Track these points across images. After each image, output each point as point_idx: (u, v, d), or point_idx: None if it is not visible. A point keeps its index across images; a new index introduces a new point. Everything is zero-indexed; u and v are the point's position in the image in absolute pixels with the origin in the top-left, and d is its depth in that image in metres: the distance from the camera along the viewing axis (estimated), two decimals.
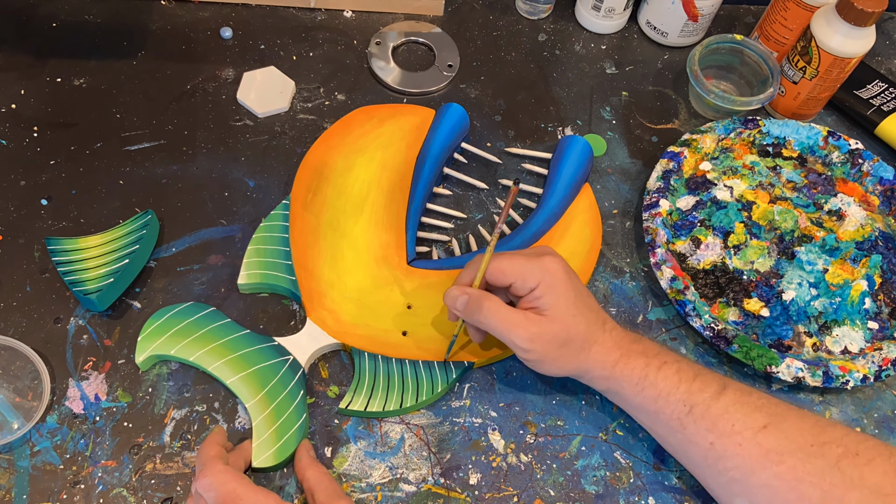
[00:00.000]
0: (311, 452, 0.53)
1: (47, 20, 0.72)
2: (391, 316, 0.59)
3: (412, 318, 0.60)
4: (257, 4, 0.76)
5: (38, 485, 0.52)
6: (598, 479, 0.56)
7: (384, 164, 0.66)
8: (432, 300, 0.60)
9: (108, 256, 0.58)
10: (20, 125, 0.66)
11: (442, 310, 0.60)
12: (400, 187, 0.65)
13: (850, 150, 0.69)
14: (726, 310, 0.63)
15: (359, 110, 0.68)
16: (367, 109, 0.69)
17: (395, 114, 0.69)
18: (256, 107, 0.69)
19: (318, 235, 0.62)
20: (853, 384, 0.59)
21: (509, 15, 0.80)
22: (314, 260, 0.60)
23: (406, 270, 0.61)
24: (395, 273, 0.61)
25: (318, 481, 0.50)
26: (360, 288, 0.60)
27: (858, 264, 0.65)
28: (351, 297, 0.60)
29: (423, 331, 0.59)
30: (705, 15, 0.76)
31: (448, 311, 0.56)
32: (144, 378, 0.56)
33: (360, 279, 0.60)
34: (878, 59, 0.82)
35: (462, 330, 0.57)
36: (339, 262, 0.61)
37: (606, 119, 0.74)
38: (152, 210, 0.61)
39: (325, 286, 0.60)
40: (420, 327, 0.59)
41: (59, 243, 0.58)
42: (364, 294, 0.60)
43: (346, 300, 0.59)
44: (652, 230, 0.64)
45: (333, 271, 0.60)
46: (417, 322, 0.60)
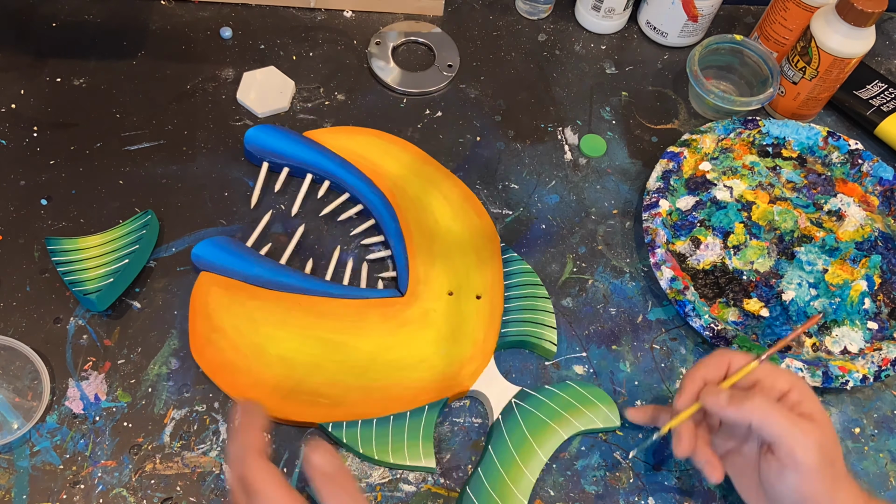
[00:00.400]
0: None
1: (47, 20, 0.72)
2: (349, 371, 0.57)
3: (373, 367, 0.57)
4: (257, 4, 0.76)
5: (38, 485, 0.52)
6: (598, 479, 0.56)
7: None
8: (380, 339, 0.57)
9: (108, 256, 0.58)
10: (20, 125, 0.66)
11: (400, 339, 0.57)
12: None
13: (850, 151, 0.69)
14: (726, 310, 0.63)
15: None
16: None
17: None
18: (256, 107, 0.69)
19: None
20: (853, 384, 0.59)
21: (509, 15, 0.80)
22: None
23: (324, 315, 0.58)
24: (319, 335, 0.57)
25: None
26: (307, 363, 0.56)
27: (858, 265, 0.65)
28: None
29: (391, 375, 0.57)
30: (705, 15, 0.76)
31: (682, 393, 0.50)
32: (144, 378, 0.56)
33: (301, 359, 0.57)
34: (877, 60, 0.82)
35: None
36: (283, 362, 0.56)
37: (606, 119, 0.74)
38: (152, 210, 0.61)
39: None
40: (386, 372, 0.57)
41: (58, 243, 0.58)
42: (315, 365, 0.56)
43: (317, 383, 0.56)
44: (652, 230, 0.64)
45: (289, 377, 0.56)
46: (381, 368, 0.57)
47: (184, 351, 0.57)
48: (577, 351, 0.61)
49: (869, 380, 0.59)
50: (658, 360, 0.61)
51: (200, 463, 0.53)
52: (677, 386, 0.60)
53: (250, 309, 0.58)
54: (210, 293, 0.58)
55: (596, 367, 0.60)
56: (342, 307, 0.58)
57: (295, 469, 0.54)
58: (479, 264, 0.62)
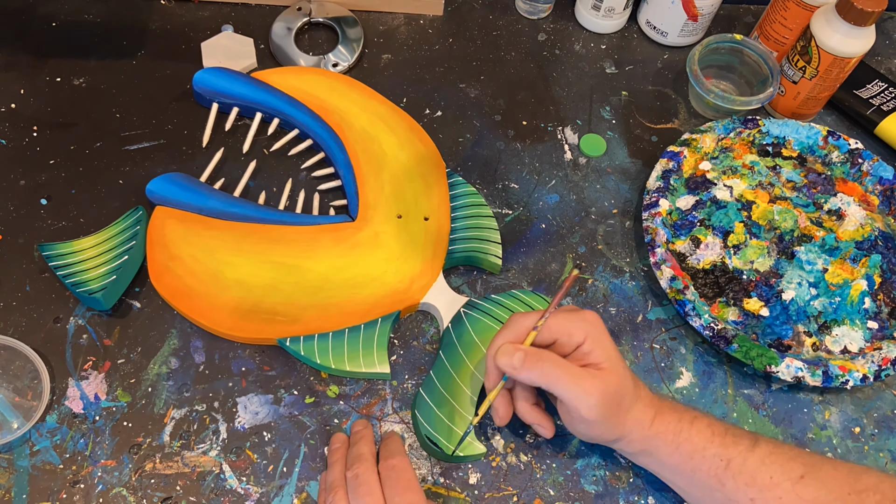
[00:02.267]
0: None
1: (47, 20, 0.72)
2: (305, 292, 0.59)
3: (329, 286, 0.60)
4: (257, 4, 0.76)
5: (38, 484, 0.52)
6: (598, 478, 0.56)
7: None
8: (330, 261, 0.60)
9: (106, 255, 0.58)
10: (20, 125, 0.66)
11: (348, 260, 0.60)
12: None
13: (850, 150, 0.69)
14: (726, 309, 0.63)
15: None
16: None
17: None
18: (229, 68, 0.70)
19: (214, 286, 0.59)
20: (853, 384, 0.59)
21: (509, 14, 0.80)
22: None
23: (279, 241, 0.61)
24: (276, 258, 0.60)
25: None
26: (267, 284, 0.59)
27: (858, 264, 0.65)
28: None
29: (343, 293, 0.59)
30: (705, 14, 0.76)
31: (488, 375, 0.52)
32: (144, 377, 0.56)
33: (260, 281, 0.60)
34: (877, 59, 0.82)
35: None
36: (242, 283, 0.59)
37: (606, 119, 0.74)
38: (142, 206, 0.61)
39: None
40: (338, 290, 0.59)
41: (53, 248, 0.58)
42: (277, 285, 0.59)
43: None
44: (652, 230, 0.64)
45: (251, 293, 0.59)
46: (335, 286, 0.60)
47: (184, 351, 0.57)
48: None
49: (869, 379, 0.59)
50: (658, 360, 0.61)
51: (200, 462, 0.53)
52: (677, 385, 0.60)
53: (206, 238, 0.61)
54: (166, 225, 0.61)
55: None
56: (295, 233, 0.62)
57: (295, 469, 0.54)
58: (425, 189, 0.65)
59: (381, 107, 0.69)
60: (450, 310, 0.60)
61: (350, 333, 0.58)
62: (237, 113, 0.68)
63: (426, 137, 0.68)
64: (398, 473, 0.49)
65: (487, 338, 0.58)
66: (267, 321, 0.58)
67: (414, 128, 0.68)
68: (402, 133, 0.68)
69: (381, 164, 0.65)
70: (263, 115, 0.68)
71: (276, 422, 0.56)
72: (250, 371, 0.57)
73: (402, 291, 0.60)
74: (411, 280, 0.60)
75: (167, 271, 0.59)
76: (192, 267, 0.59)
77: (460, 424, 0.55)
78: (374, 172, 0.65)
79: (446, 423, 0.55)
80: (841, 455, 0.59)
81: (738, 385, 0.61)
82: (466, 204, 0.65)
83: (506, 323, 0.52)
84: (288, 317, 0.58)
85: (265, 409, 0.56)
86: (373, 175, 0.65)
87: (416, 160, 0.66)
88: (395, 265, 0.61)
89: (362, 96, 0.69)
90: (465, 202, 0.65)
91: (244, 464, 0.54)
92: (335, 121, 0.67)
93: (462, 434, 0.54)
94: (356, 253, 0.61)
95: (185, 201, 0.62)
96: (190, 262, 0.59)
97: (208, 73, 0.68)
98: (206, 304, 0.58)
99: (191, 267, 0.59)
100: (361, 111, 0.68)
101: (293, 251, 0.61)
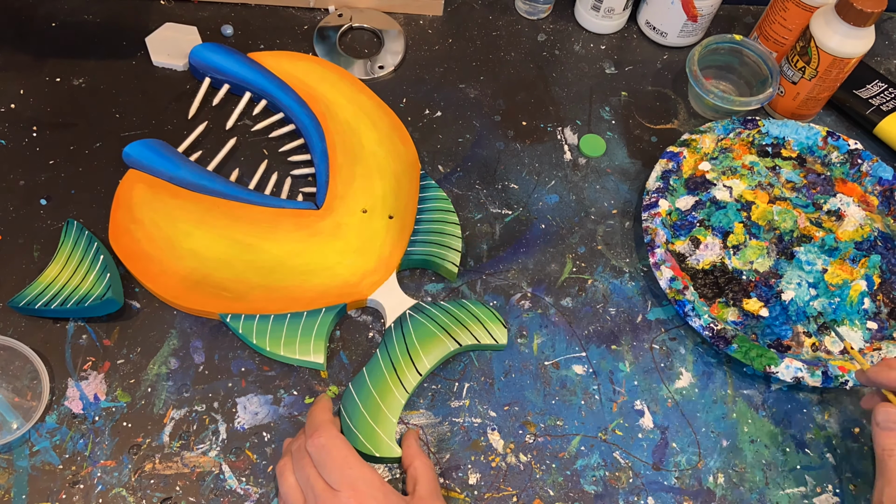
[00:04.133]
0: (418, 440, 0.54)
1: (47, 20, 0.72)
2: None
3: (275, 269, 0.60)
4: (257, 4, 0.76)
5: (38, 485, 0.52)
6: (598, 478, 0.56)
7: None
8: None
9: (81, 266, 0.57)
10: (19, 125, 0.66)
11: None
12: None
13: (850, 151, 0.69)
14: (725, 310, 0.63)
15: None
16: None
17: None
18: (176, 61, 0.71)
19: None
20: (852, 384, 0.59)
21: (509, 15, 0.80)
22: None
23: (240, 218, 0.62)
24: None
25: (424, 473, 0.51)
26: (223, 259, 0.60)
27: (857, 264, 0.65)
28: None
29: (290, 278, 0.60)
30: (704, 15, 0.76)
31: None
32: (143, 378, 0.56)
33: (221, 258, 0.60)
34: (877, 59, 0.82)
35: None
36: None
37: (606, 119, 0.74)
38: (71, 218, 0.61)
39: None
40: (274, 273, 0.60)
41: (23, 297, 0.56)
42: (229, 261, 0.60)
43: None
44: (651, 230, 0.64)
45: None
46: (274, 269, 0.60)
47: (183, 351, 0.57)
48: (577, 351, 0.61)
49: None
50: (657, 360, 0.61)
51: (200, 463, 0.53)
52: (676, 385, 0.60)
53: (171, 207, 0.61)
54: (135, 188, 0.62)
55: (595, 366, 0.60)
56: (258, 213, 0.62)
57: None
58: (396, 188, 0.65)
59: (368, 101, 0.70)
60: (395, 310, 0.59)
61: (291, 319, 0.58)
62: (227, 90, 0.70)
63: (407, 137, 0.68)
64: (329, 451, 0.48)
65: (427, 342, 0.58)
66: (213, 295, 0.58)
67: (397, 126, 0.68)
68: (383, 129, 0.68)
69: (357, 157, 0.66)
70: (252, 95, 0.69)
71: (275, 422, 0.56)
72: (250, 371, 0.57)
73: (351, 285, 0.60)
74: (363, 275, 0.60)
75: (127, 233, 0.60)
76: (150, 231, 0.60)
77: (384, 425, 0.54)
78: (348, 164, 0.65)
79: (369, 422, 0.54)
80: (840, 455, 0.59)
81: (738, 385, 0.61)
82: (434, 208, 0.64)
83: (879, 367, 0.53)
84: (234, 293, 0.58)
85: (265, 410, 0.56)
86: (346, 167, 0.65)
87: (392, 157, 0.66)
88: (351, 258, 0.61)
89: (351, 89, 0.70)
90: (434, 206, 0.65)
91: (244, 464, 0.54)
92: (320, 109, 0.68)
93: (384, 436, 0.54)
94: (315, 241, 0.61)
95: (157, 168, 0.63)
96: (150, 226, 0.60)
97: (206, 48, 0.69)
98: (158, 269, 0.59)
99: (150, 231, 0.60)
100: (348, 103, 0.69)
101: (253, 230, 0.61)
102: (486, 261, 0.64)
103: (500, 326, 0.59)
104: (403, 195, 0.65)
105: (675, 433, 0.58)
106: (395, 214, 0.63)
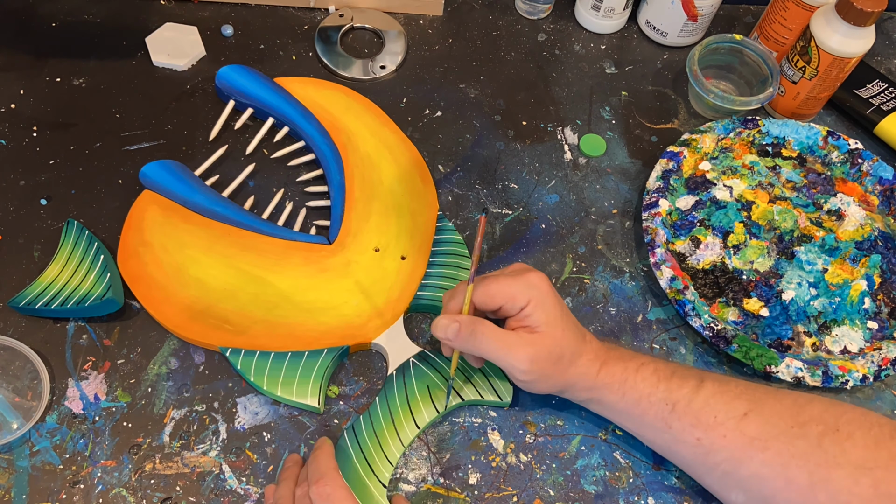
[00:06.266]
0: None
1: (47, 20, 0.72)
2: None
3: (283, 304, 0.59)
4: (257, 4, 0.76)
5: (38, 484, 0.52)
6: (598, 478, 0.56)
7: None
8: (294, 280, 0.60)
9: (81, 267, 0.57)
10: (20, 125, 0.66)
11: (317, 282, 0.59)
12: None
13: (850, 150, 0.69)
14: (726, 309, 0.63)
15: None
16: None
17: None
18: (177, 61, 0.71)
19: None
20: (853, 384, 0.59)
21: (509, 15, 0.80)
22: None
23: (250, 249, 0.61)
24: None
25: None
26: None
27: (858, 264, 0.65)
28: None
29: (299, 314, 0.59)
30: (705, 15, 0.76)
31: (442, 345, 0.55)
32: (144, 378, 0.56)
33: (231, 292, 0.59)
34: (877, 59, 0.82)
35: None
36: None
37: (606, 119, 0.74)
38: (71, 217, 0.61)
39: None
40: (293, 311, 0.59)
41: (23, 297, 0.56)
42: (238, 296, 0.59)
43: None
44: (651, 230, 0.64)
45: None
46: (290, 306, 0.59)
47: (183, 351, 0.57)
48: None
49: (869, 379, 0.59)
50: None
51: (200, 463, 0.53)
52: None
53: (181, 231, 0.60)
54: (148, 210, 0.61)
55: None
56: (268, 244, 0.61)
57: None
58: (412, 228, 0.63)
59: (391, 136, 0.68)
60: (399, 356, 0.57)
61: (292, 358, 0.56)
62: (251, 114, 0.68)
63: (428, 177, 0.66)
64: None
65: (430, 393, 0.56)
66: (215, 327, 0.57)
67: (418, 164, 0.67)
68: (404, 166, 0.66)
69: (375, 193, 0.64)
70: (275, 121, 0.68)
71: (275, 422, 0.56)
72: None
73: (356, 327, 0.58)
74: (369, 317, 0.58)
75: (135, 255, 0.59)
76: (159, 256, 0.59)
77: (380, 472, 0.52)
78: (364, 200, 0.63)
79: (362, 476, 0.52)
80: None
81: None
82: (448, 252, 0.62)
83: (452, 290, 0.54)
84: (237, 327, 0.57)
85: (265, 410, 0.56)
86: (363, 202, 0.63)
87: (410, 196, 0.65)
88: (358, 298, 0.59)
89: (376, 121, 0.69)
90: (448, 249, 0.63)
91: (244, 464, 0.54)
92: (342, 140, 0.66)
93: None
94: (323, 277, 0.60)
95: (172, 190, 0.62)
96: (159, 250, 0.59)
97: (232, 70, 0.68)
98: (162, 296, 0.58)
99: (158, 256, 0.59)
100: (371, 136, 0.67)
101: (261, 262, 0.60)
102: (487, 261, 0.64)
103: (506, 384, 0.57)
104: (419, 236, 0.63)
105: None
106: (407, 255, 0.61)
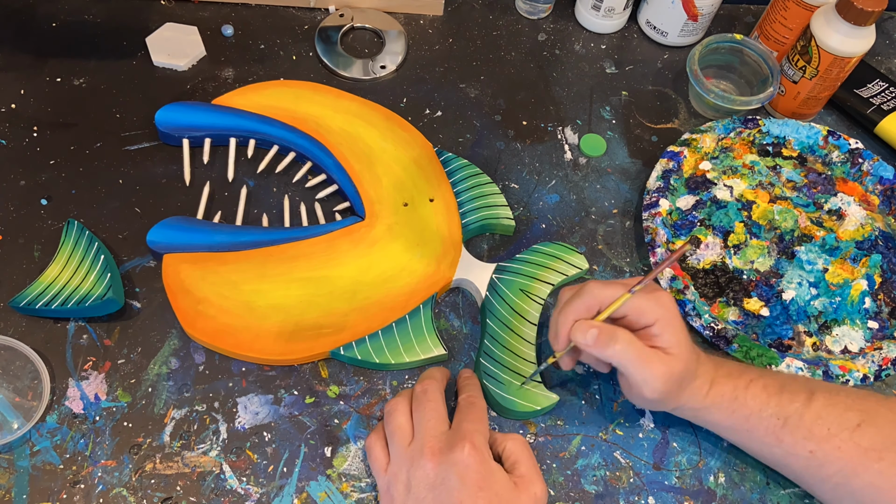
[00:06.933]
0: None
1: (47, 20, 0.72)
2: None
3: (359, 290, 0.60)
4: (257, 4, 0.76)
5: (38, 484, 0.52)
6: (598, 478, 0.56)
7: None
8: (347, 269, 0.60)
9: (82, 266, 0.57)
10: (20, 125, 0.66)
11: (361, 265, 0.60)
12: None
13: (850, 150, 0.69)
14: (726, 309, 0.63)
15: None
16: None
17: None
18: (177, 61, 0.70)
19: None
20: (853, 384, 0.59)
21: (509, 14, 0.80)
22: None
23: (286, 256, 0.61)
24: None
25: (522, 452, 0.51)
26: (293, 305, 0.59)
27: (858, 264, 0.65)
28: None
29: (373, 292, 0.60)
30: (705, 14, 0.76)
31: (557, 337, 0.52)
32: (144, 378, 0.56)
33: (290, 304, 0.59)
34: (878, 59, 0.82)
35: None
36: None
37: (606, 119, 0.74)
38: (71, 217, 0.61)
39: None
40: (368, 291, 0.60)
41: (24, 297, 0.56)
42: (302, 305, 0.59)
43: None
44: (652, 230, 0.64)
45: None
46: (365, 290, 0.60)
47: (184, 351, 0.57)
48: None
49: (869, 379, 0.59)
50: None
51: (200, 463, 0.53)
52: None
53: (225, 274, 0.59)
54: (181, 271, 0.59)
55: None
56: (311, 246, 0.61)
57: (295, 469, 0.54)
58: (421, 172, 0.65)
59: (352, 104, 0.69)
60: (482, 279, 0.61)
61: (398, 326, 0.58)
62: (210, 143, 0.66)
63: (405, 123, 0.68)
64: (475, 408, 0.52)
65: (525, 295, 0.60)
66: (314, 337, 0.57)
67: (390, 117, 0.68)
68: (380, 124, 0.68)
69: (371, 158, 0.65)
70: (238, 139, 0.66)
71: (276, 422, 0.56)
72: (250, 371, 0.57)
73: (432, 274, 0.61)
74: (437, 261, 0.61)
75: (199, 315, 0.57)
76: (221, 304, 0.58)
77: (526, 372, 0.57)
78: (366, 168, 0.65)
79: (517, 385, 0.56)
80: None
81: None
82: (465, 176, 0.66)
83: (579, 290, 0.52)
84: (333, 327, 0.58)
85: (265, 410, 0.56)
86: (366, 171, 0.65)
87: (402, 147, 0.66)
88: (418, 251, 0.61)
89: (330, 98, 0.69)
90: (463, 175, 0.66)
91: (244, 464, 0.54)
92: (312, 128, 0.66)
93: (527, 384, 0.57)
94: (376, 249, 0.61)
95: (191, 243, 0.59)
96: (218, 300, 0.58)
97: (169, 111, 0.65)
98: (249, 336, 0.57)
99: (221, 305, 0.58)
100: (335, 112, 0.68)
101: (315, 263, 0.60)
102: (487, 260, 0.64)
103: (576, 255, 0.63)
104: (431, 176, 0.65)
105: (676, 433, 0.58)
106: (433, 196, 0.64)
